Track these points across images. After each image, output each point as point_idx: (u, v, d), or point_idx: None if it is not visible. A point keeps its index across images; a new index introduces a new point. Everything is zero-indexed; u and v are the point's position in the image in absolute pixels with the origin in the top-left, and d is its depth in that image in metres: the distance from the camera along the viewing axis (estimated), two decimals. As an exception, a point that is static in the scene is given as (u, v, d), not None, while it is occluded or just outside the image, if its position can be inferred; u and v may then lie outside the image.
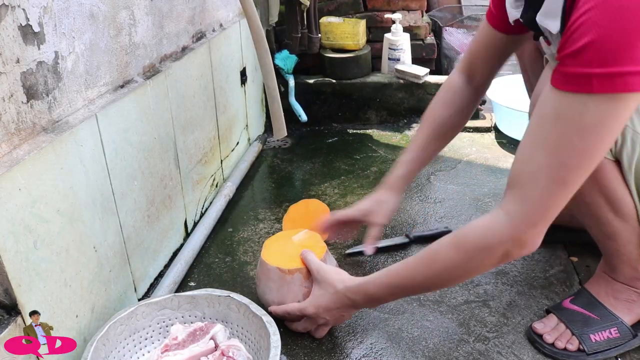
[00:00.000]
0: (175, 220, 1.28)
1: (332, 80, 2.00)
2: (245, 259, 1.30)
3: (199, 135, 1.38)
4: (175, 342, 0.93)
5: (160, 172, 1.18)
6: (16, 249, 0.75)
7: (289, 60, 1.94)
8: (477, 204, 1.48)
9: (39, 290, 0.80)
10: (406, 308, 1.13)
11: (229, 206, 1.51)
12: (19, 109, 0.77)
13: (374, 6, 2.06)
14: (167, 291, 1.12)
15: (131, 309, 0.94)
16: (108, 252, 0.99)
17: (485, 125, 1.95)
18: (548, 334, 1.01)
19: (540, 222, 0.80)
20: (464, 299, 1.15)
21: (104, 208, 0.97)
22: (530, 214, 0.80)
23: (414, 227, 1.40)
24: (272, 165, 1.78)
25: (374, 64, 2.06)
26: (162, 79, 1.17)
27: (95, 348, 0.86)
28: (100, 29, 0.95)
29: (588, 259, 1.23)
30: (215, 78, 1.48)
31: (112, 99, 0.99)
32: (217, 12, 1.51)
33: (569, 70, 0.72)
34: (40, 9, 0.79)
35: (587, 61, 0.69)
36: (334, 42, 1.98)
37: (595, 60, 0.68)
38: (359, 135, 1.96)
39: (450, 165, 1.72)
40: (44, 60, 0.81)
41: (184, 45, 1.32)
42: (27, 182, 0.76)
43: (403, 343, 1.04)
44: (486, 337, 1.05)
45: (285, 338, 1.05)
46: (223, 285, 1.20)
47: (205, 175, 1.46)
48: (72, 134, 0.86)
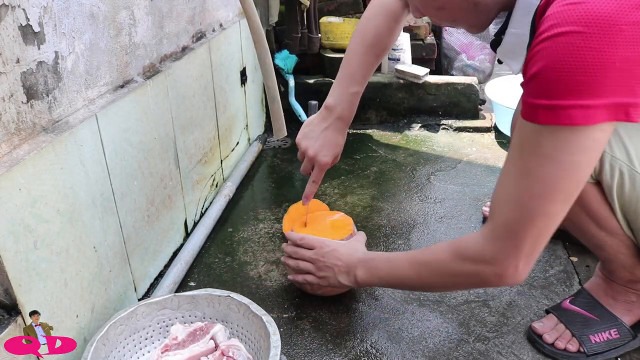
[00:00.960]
0: (175, 220, 1.28)
1: (332, 80, 1.99)
2: (245, 259, 1.30)
3: (199, 135, 1.38)
4: (175, 342, 0.93)
5: (160, 172, 1.18)
6: (16, 249, 0.75)
7: (289, 60, 1.94)
8: (477, 204, 1.48)
9: (39, 290, 0.80)
10: (406, 308, 1.13)
11: (229, 206, 1.51)
12: (19, 109, 0.77)
13: (374, 6, 2.06)
14: (167, 291, 1.12)
15: (131, 309, 0.94)
16: (108, 252, 0.99)
17: (485, 125, 1.95)
18: (548, 334, 1.01)
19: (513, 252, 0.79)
20: (464, 299, 1.15)
21: (104, 208, 0.97)
22: (500, 241, 0.80)
23: (414, 226, 1.41)
24: (272, 165, 1.78)
25: (374, 64, 2.06)
26: (162, 79, 1.17)
27: (95, 348, 0.86)
28: (100, 29, 0.95)
29: (588, 259, 1.23)
30: (215, 78, 1.48)
31: (112, 99, 0.99)
32: (217, 12, 1.51)
33: (524, 99, 0.71)
34: (40, 9, 0.79)
35: (534, 91, 0.68)
36: (334, 42, 1.98)
37: (541, 91, 0.67)
38: (359, 135, 1.96)
39: (450, 165, 1.72)
40: (44, 60, 0.81)
41: (184, 45, 1.32)
42: (27, 182, 0.76)
43: (403, 343, 1.04)
44: (486, 337, 1.05)
45: (285, 338, 1.05)
46: (223, 285, 1.21)
47: (205, 175, 1.46)
48: (72, 134, 0.86)
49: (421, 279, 0.93)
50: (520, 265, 0.80)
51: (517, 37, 0.76)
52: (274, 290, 1.20)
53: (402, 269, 0.95)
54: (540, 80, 0.67)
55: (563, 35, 0.64)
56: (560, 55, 0.64)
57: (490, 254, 0.81)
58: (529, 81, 0.69)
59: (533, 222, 0.76)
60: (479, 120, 1.99)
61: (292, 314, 1.12)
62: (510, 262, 0.80)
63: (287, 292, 1.19)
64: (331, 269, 1.04)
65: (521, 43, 0.75)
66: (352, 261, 1.02)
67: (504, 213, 0.79)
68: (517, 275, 0.81)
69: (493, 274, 0.82)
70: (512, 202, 0.77)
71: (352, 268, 1.02)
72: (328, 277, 1.04)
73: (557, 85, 0.65)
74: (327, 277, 1.05)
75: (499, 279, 0.82)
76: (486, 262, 0.82)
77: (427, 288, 1.06)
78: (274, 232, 1.40)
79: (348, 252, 1.05)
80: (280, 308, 1.14)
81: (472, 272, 0.84)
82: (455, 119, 2.00)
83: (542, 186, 0.73)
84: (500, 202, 0.80)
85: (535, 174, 0.73)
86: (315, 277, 1.07)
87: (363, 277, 1.01)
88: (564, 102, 0.66)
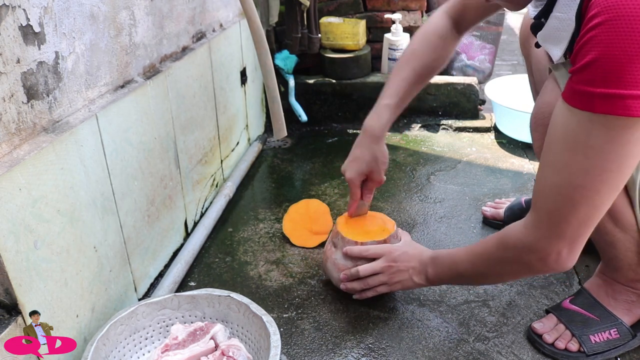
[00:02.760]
0: (176, 220, 1.28)
1: (332, 80, 2.00)
2: (245, 259, 1.30)
3: (199, 135, 1.39)
4: (176, 341, 0.93)
5: (161, 172, 1.18)
6: (17, 249, 0.75)
7: (289, 60, 1.94)
8: (477, 204, 1.48)
9: (39, 290, 0.80)
10: (406, 308, 1.13)
11: (229, 206, 1.51)
12: (20, 109, 0.77)
13: (373, 6, 2.06)
14: (167, 291, 1.12)
15: (131, 308, 0.94)
16: (108, 252, 0.99)
17: (485, 125, 1.95)
18: (547, 334, 1.01)
19: (554, 239, 0.79)
20: (464, 299, 1.15)
21: (104, 208, 0.97)
22: (541, 229, 0.81)
23: (414, 226, 1.41)
24: (272, 165, 1.78)
25: (374, 64, 2.06)
26: (162, 79, 1.17)
27: (96, 348, 0.86)
28: (100, 29, 0.95)
29: (587, 259, 1.23)
30: (216, 78, 1.48)
31: (113, 99, 0.99)
32: (217, 12, 1.51)
33: (576, 87, 0.70)
34: (40, 9, 0.79)
35: (590, 79, 0.67)
36: (334, 42, 1.98)
37: (597, 79, 0.66)
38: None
39: (450, 165, 1.72)
40: (45, 60, 0.81)
41: (184, 45, 1.32)
42: (27, 182, 0.76)
43: (403, 343, 1.05)
44: (486, 337, 1.05)
45: (285, 338, 1.05)
46: (223, 285, 1.21)
47: (206, 175, 1.46)
48: (73, 134, 0.86)
49: (476, 271, 0.94)
50: (563, 252, 0.80)
51: (561, 21, 0.74)
52: (274, 290, 1.20)
53: (461, 262, 0.96)
54: (598, 68, 0.65)
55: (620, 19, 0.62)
56: (620, 42, 0.63)
57: (531, 241, 0.82)
58: (583, 68, 0.67)
59: (576, 211, 0.76)
60: (478, 121, 1.99)
61: (292, 314, 1.13)
62: (552, 248, 0.80)
63: (287, 292, 1.19)
64: (406, 272, 1.04)
65: (565, 28, 0.73)
66: (424, 260, 1.03)
67: (546, 203, 0.79)
68: (561, 262, 0.81)
69: (537, 259, 0.83)
70: (555, 192, 0.77)
71: (424, 267, 1.03)
72: (402, 280, 1.05)
73: (616, 74, 0.64)
74: (401, 281, 1.05)
75: (543, 264, 0.82)
76: (528, 248, 0.83)
77: (482, 279, 1.03)
78: (274, 232, 1.40)
79: (417, 252, 1.06)
80: (280, 308, 1.14)
81: (515, 259, 0.86)
82: (455, 119, 2.00)
83: (587, 177, 0.73)
84: (542, 192, 0.80)
85: (580, 164, 0.73)
86: (387, 286, 1.07)
87: (433, 275, 1.02)
88: (623, 91, 0.65)
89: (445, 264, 1.00)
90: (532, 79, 1.20)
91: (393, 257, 1.06)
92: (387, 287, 1.07)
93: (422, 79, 1.13)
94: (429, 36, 1.12)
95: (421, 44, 1.12)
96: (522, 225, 0.85)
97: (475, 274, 0.96)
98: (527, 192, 1.52)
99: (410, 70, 1.11)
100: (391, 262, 1.05)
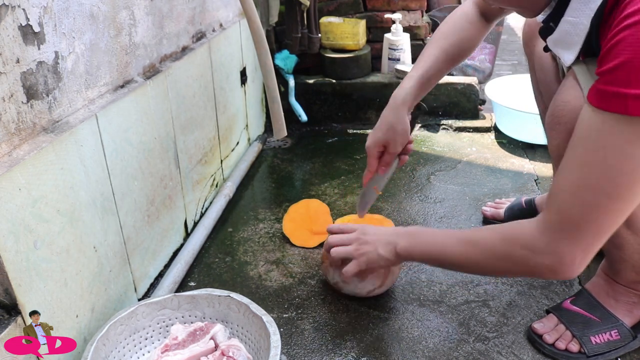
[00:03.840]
0: (175, 220, 1.28)
1: (332, 80, 2.00)
2: (245, 259, 1.30)
3: (199, 135, 1.38)
4: (176, 342, 0.93)
5: (161, 172, 1.18)
6: (16, 249, 0.75)
7: (289, 60, 1.94)
8: (477, 204, 1.48)
9: (39, 290, 0.80)
10: (406, 308, 1.13)
11: (229, 206, 1.51)
12: (19, 109, 0.77)
13: (374, 6, 2.06)
14: (167, 291, 1.12)
15: (131, 308, 0.94)
16: (108, 252, 0.99)
17: (485, 125, 1.95)
18: (548, 334, 1.01)
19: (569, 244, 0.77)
20: (464, 299, 1.15)
21: (104, 208, 0.97)
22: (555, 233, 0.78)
23: (414, 223, 1.40)
24: (272, 165, 1.78)
25: (374, 64, 2.06)
26: (162, 79, 1.17)
27: (96, 348, 0.86)
28: (100, 29, 0.95)
29: (588, 259, 1.23)
30: (216, 78, 1.48)
31: (112, 99, 0.99)
32: (217, 12, 1.51)
33: (605, 89, 0.68)
34: (40, 9, 0.79)
35: (623, 80, 0.66)
36: (334, 42, 1.98)
37: (632, 80, 0.65)
38: (359, 135, 1.96)
39: (450, 165, 1.72)
40: (44, 60, 0.81)
41: (184, 45, 1.32)
42: (27, 182, 0.76)
43: (403, 343, 1.04)
44: (486, 337, 1.05)
45: (285, 338, 1.05)
46: (223, 285, 1.21)
47: (205, 175, 1.46)
48: (73, 134, 0.86)
49: (468, 258, 0.90)
50: (577, 260, 0.77)
51: (573, 25, 0.73)
52: (274, 290, 1.20)
53: (449, 245, 0.93)
54: (631, 69, 0.64)
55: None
56: None
57: (543, 244, 0.79)
58: (614, 69, 0.66)
59: (594, 218, 0.73)
60: (479, 121, 1.98)
61: (292, 314, 1.13)
62: (565, 255, 0.77)
63: (287, 292, 1.19)
64: (372, 244, 1.01)
65: (578, 32, 0.72)
66: (398, 232, 1.01)
67: (563, 206, 0.76)
68: (572, 269, 0.78)
69: (545, 264, 0.79)
70: (573, 196, 0.74)
71: (395, 238, 0.99)
72: (368, 252, 1.01)
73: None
74: (366, 253, 1.01)
75: (550, 270, 0.80)
76: (538, 251, 0.80)
77: (473, 268, 0.98)
78: (274, 232, 1.40)
79: (394, 229, 1.05)
80: (280, 308, 1.14)
81: (521, 258, 0.82)
82: (455, 119, 2.00)
83: (608, 181, 0.71)
84: (562, 194, 0.76)
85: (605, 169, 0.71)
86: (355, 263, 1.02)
87: (404, 247, 0.97)
88: None
89: (423, 240, 0.97)
90: (535, 77, 1.20)
91: (365, 230, 1.04)
92: (355, 263, 1.02)
93: (451, 57, 1.13)
94: (456, 20, 1.13)
95: (449, 27, 1.14)
96: (534, 225, 0.81)
97: (466, 261, 0.92)
98: (527, 192, 1.52)
99: (438, 48, 1.12)
100: (360, 235, 1.04)
